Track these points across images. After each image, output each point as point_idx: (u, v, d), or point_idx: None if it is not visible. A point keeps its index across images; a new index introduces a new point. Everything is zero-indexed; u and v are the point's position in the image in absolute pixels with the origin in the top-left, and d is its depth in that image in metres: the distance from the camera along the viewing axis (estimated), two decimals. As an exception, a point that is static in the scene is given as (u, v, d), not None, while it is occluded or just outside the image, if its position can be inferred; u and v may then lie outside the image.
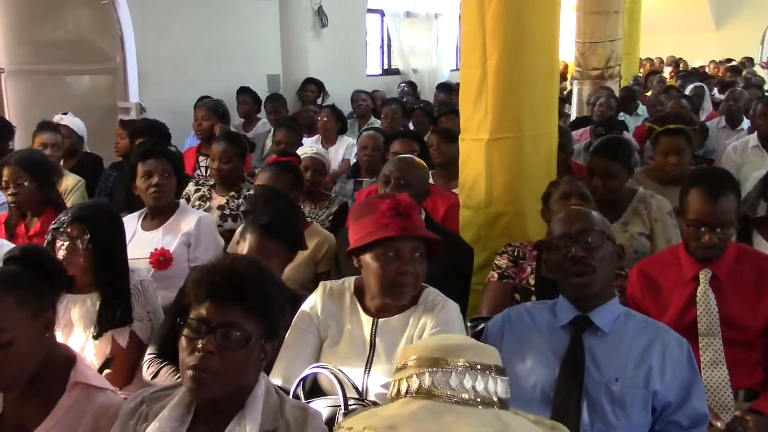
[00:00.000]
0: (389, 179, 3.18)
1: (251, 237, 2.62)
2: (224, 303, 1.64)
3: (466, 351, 1.37)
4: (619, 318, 2.18)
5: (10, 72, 6.67)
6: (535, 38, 3.30)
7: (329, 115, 6.17)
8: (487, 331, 2.30)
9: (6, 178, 3.48)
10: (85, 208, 2.73)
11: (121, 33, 7.05)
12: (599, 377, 2.10)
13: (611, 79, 7.72)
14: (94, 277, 2.63)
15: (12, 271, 1.92)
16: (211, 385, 1.62)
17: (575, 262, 2.15)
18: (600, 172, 3.39)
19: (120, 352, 2.61)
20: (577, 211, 2.34)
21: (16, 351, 1.82)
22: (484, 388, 1.34)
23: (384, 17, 10.67)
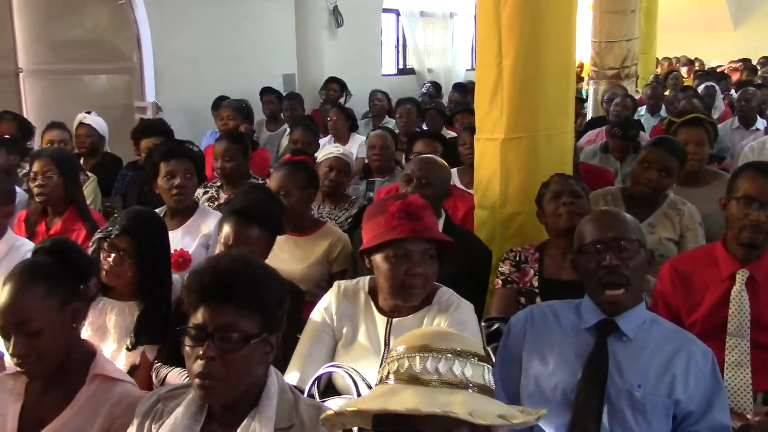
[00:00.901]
0: (411, 178, 3.18)
1: (227, 225, 2.61)
2: (216, 304, 1.62)
3: (447, 338, 1.45)
4: (644, 324, 2.14)
5: (29, 71, 6.73)
6: (550, 38, 3.29)
7: (337, 114, 6.17)
8: (510, 328, 2.27)
9: (36, 169, 3.52)
10: (133, 219, 2.62)
11: (137, 33, 7.10)
12: (621, 383, 2.07)
13: (627, 78, 7.68)
14: (135, 286, 2.58)
15: (41, 262, 1.98)
16: (219, 390, 1.62)
17: (609, 272, 2.10)
18: (659, 165, 3.35)
19: (146, 364, 2.57)
20: (612, 215, 2.27)
21: (44, 340, 1.88)
22: (461, 372, 1.40)
23: (399, 17, 10.67)
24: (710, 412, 2.06)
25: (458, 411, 1.33)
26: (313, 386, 2.13)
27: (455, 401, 1.36)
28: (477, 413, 1.34)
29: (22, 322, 1.86)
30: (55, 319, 1.91)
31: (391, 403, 1.37)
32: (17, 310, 1.87)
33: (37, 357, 1.89)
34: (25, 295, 1.88)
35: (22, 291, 1.88)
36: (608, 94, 7.03)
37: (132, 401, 1.93)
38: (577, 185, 3.01)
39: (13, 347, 1.87)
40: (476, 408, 1.36)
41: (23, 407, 1.99)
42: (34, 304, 1.88)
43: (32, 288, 1.89)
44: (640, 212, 3.35)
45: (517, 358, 2.20)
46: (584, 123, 6.93)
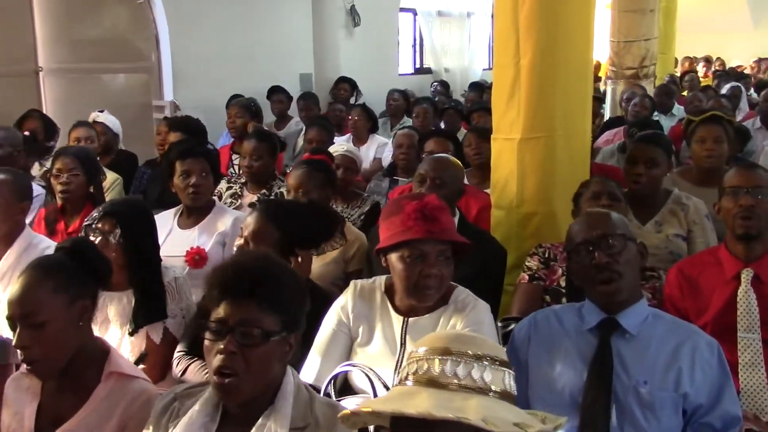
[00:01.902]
0: (424, 178, 3.17)
1: (251, 216, 2.65)
2: (238, 300, 1.63)
3: (468, 342, 1.43)
4: (647, 320, 2.15)
5: (48, 70, 6.79)
6: (569, 37, 3.27)
7: (360, 114, 6.18)
8: (514, 335, 2.28)
9: (60, 166, 3.57)
10: (116, 204, 2.77)
11: (156, 32, 7.14)
12: (628, 381, 2.07)
13: (646, 78, 7.63)
14: (128, 274, 2.66)
15: (54, 258, 2.03)
16: (239, 386, 1.62)
17: (600, 269, 2.12)
18: (644, 158, 3.36)
19: (154, 349, 2.64)
20: (595, 215, 2.31)
21: (48, 334, 1.91)
22: (480, 376, 1.39)
23: (416, 16, 10.66)
24: (720, 404, 2.06)
25: (471, 417, 1.32)
26: (329, 385, 2.13)
27: (470, 406, 1.35)
28: (491, 420, 1.32)
29: (27, 314, 1.90)
30: (61, 314, 1.94)
31: (407, 405, 1.36)
32: (24, 301, 1.91)
33: (41, 351, 1.91)
34: (35, 288, 1.92)
35: (32, 284, 1.93)
36: (627, 94, 6.98)
37: (147, 398, 1.96)
38: (617, 189, 3.00)
39: (18, 338, 1.90)
40: (491, 414, 1.34)
41: (40, 405, 2.01)
42: (42, 298, 1.91)
43: (43, 282, 1.93)
44: (644, 212, 3.35)
45: (524, 363, 2.21)
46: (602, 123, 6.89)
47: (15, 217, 2.97)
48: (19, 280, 1.95)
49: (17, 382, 2.07)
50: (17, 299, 1.91)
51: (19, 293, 1.92)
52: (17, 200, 2.97)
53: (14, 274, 2.85)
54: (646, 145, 3.43)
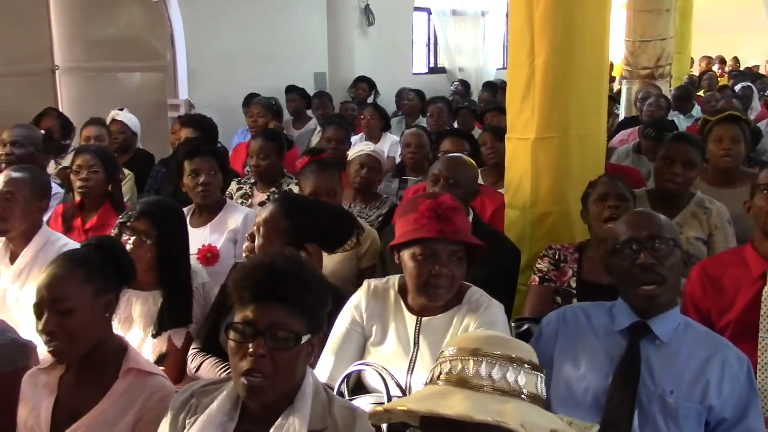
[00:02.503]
0: (438, 178, 3.16)
1: (266, 208, 2.65)
2: (269, 303, 1.63)
3: (503, 344, 1.41)
4: (678, 328, 2.10)
5: (64, 69, 6.84)
6: (584, 37, 3.26)
7: (372, 113, 6.17)
8: (542, 329, 2.25)
9: (80, 163, 3.61)
10: (152, 204, 2.76)
11: (171, 31, 7.18)
12: (653, 388, 2.04)
13: (661, 78, 7.58)
14: (157, 274, 2.65)
15: (84, 251, 2.08)
16: (266, 388, 1.62)
17: (644, 270, 2.07)
18: (682, 158, 3.31)
19: (174, 351, 2.63)
20: (646, 214, 2.25)
21: (74, 321, 1.94)
22: (515, 380, 1.37)
23: (430, 15, 10.66)
24: (745, 420, 2.02)
25: (510, 422, 1.30)
26: (342, 384, 2.14)
27: (507, 410, 1.33)
28: (529, 425, 1.31)
29: (56, 300, 1.93)
30: (88, 304, 1.98)
31: (442, 406, 1.34)
32: (54, 287, 1.95)
33: (66, 337, 1.94)
34: (65, 276, 1.97)
35: (61, 272, 1.97)
36: (642, 94, 6.94)
37: (165, 394, 1.98)
38: (625, 189, 2.95)
39: (44, 323, 1.93)
40: (528, 420, 1.32)
41: (56, 400, 2.02)
42: (71, 286, 1.96)
43: (72, 271, 1.98)
44: (666, 213, 3.27)
45: (549, 359, 2.18)
46: (617, 123, 6.86)
47: (34, 215, 3.00)
48: (48, 269, 1.99)
49: (34, 378, 2.09)
50: (47, 285, 1.95)
51: (49, 280, 1.96)
52: (36, 199, 3.00)
53: (32, 271, 2.88)
54: (686, 146, 3.36)
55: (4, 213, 2.90)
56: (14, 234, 2.96)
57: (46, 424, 2.00)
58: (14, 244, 2.98)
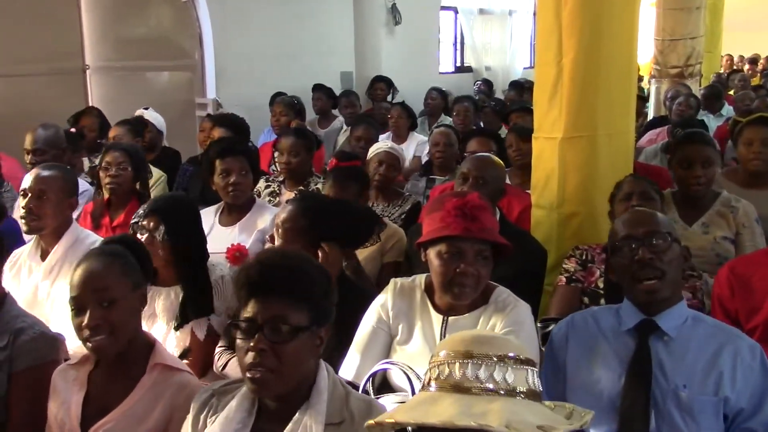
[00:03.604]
0: (467, 177, 3.15)
1: (284, 209, 2.67)
2: (266, 298, 1.65)
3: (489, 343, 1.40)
4: (686, 322, 2.11)
5: (95, 68, 6.93)
6: (613, 35, 3.23)
7: (400, 112, 6.18)
8: (552, 337, 2.26)
9: (110, 159, 3.66)
10: (160, 201, 2.84)
11: (199, 31, 7.24)
12: (666, 384, 2.03)
13: (691, 77, 7.49)
14: (176, 269, 2.70)
15: (119, 248, 2.11)
16: (271, 382, 1.63)
17: (643, 266, 2.08)
18: (700, 159, 3.29)
19: (197, 345, 2.67)
20: (640, 212, 2.27)
21: (117, 312, 1.98)
22: (503, 378, 1.36)
23: (457, 14, 10.63)
24: (762, 408, 2.01)
25: (494, 423, 1.30)
26: (368, 382, 2.14)
27: (492, 411, 1.33)
28: (514, 424, 1.30)
29: (100, 289, 1.97)
30: (128, 297, 2.02)
31: (428, 415, 1.35)
32: (97, 278, 1.98)
33: (110, 330, 1.96)
34: (105, 269, 2.00)
35: (102, 264, 2.01)
36: (671, 93, 6.87)
37: (191, 391, 1.98)
38: (650, 188, 2.95)
39: (89, 318, 1.95)
40: (514, 418, 1.32)
41: (86, 395, 2.05)
42: (112, 278, 2.00)
43: (112, 264, 2.02)
44: (692, 213, 3.29)
45: (562, 366, 2.19)
46: (645, 122, 6.80)
47: (65, 212, 3.04)
48: (85, 264, 2.01)
49: (64, 373, 2.11)
50: (90, 277, 1.98)
51: (89, 273, 1.98)
52: (67, 196, 3.04)
53: (62, 268, 2.92)
54: (700, 146, 3.34)
55: (37, 211, 2.93)
56: (46, 231, 2.99)
57: (76, 419, 2.02)
58: (45, 241, 3.02)
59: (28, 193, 2.95)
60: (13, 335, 2.22)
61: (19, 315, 2.31)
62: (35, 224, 2.95)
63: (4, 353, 2.20)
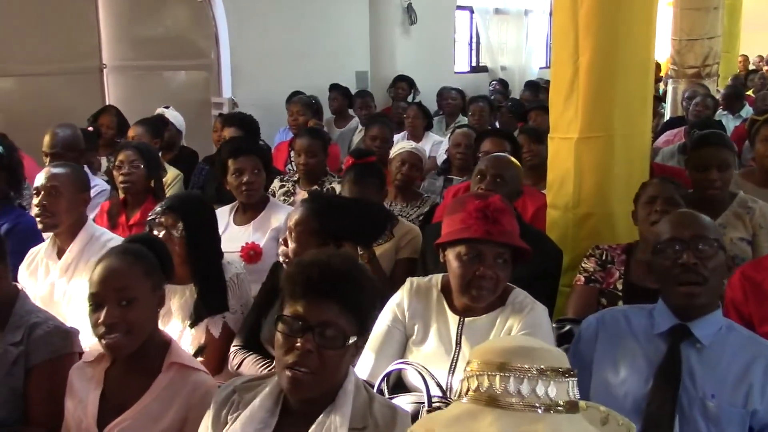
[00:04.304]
0: (485, 175, 3.13)
1: (295, 211, 2.68)
2: (321, 301, 1.64)
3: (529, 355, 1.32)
4: (720, 331, 2.07)
5: (112, 68, 6.97)
6: (630, 35, 3.22)
7: (416, 112, 6.17)
8: (581, 332, 2.24)
9: (122, 158, 3.68)
10: (178, 199, 2.85)
11: (216, 30, 7.26)
12: (694, 392, 2.01)
13: (708, 77, 7.43)
14: (191, 267, 2.71)
15: (140, 248, 2.11)
16: (310, 384, 1.63)
17: (686, 270, 2.04)
18: (716, 162, 3.26)
19: (212, 342, 2.69)
20: (690, 215, 2.21)
21: (135, 312, 1.99)
22: (545, 393, 1.29)
23: (473, 14, 10.61)
24: None
25: None
26: (382, 382, 2.14)
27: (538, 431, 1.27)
28: None
29: (120, 288, 1.98)
30: (148, 297, 2.03)
31: (471, 430, 1.29)
32: (118, 276, 1.99)
33: (126, 329, 1.97)
34: (127, 268, 2.02)
35: (124, 263, 2.02)
36: (688, 93, 6.82)
37: (207, 390, 2.00)
38: (675, 192, 2.89)
39: (105, 315, 1.95)
40: None
41: (103, 393, 2.06)
42: (134, 277, 2.01)
43: (134, 263, 2.03)
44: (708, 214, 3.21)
45: (588, 363, 2.16)
46: (662, 123, 6.76)
47: (78, 207, 3.05)
48: (105, 262, 2.02)
49: (80, 371, 2.13)
50: (109, 274, 1.98)
51: (110, 271, 1.99)
52: (79, 191, 3.05)
53: (78, 266, 2.94)
54: (715, 149, 3.31)
55: (51, 208, 2.94)
56: (62, 229, 3.01)
57: (93, 417, 2.03)
58: (61, 239, 3.04)
59: (41, 191, 2.96)
60: (28, 330, 2.25)
61: (33, 311, 2.34)
62: (50, 221, 2.97)
63: (20, 348, 2.22)
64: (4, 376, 2.20)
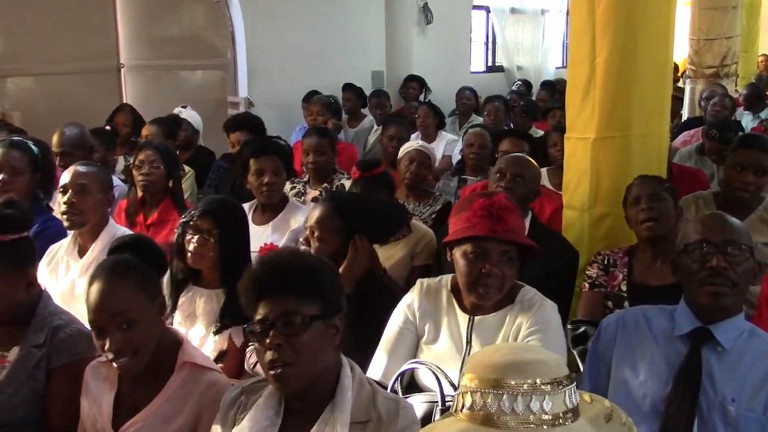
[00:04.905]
0: (504, 173, 3.13)
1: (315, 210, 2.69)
2: (275, 296, 1.67)
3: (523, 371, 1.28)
4: (742, 335, 2.04)
5: (130, 67, 7.01)
6: (648, 34, 3.19)
7: (426, 112, 6.16)
8: (600, 332, 2.22)
9: (142, 158, 3.69)
10: (214, 202, 2.77)
11: (232, 30, 7.31)
12: (714, 396, 1.99)
13: (727, 77, 7.37)
14: (221, 273, 2.65)
15: (126, 259, 2.03)
16: (293, 376, 1.64)
17: (714, 274, 2.00)
18: (754, 166, 3.25)
19: (234, 350, 2.64)
20: (722, 217, 2.17)
21: (138, 331, 1.94)
22: (540, 407, 1.25)
23: (489, 13, 10.58)
24: None
25: None
26: (396, 382, 2.14)
27: None
28: None
29: (117, 313, 1.91)
30: (147, 311, 1.97)
31: None
32: (112, 302, 1.91)
33: (133, 351, 1.94)
34: (118, 289, 1.93)
35: (114, 285, 1.93)
36: (706, 93, 6.77)
37: (220, 390, 1.99)
38: (658, 186, 2.90)
39: (110, 343, 1.91)
40: None
41: (117, 394, 2.06)
42: (128, 297, 1.94)
43: (123, 282, 1.95)
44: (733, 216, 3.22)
45: (607, 362, 2.15)
46: (680, 123, 6.71)
47: (103, 208, 3.07)
48: (97, 285, 1.94)
49: (95, 370, 2.12)
50: (103, 301, 1.92)
51: (103, 295, 1.92)
52: (104, 192, 3.06)
53: (100, 264, 2.96)
54: (757, 153, 3.28)
55: (79, 205, 2.95)
56: (86, 227, 3.02)
57: (107, 417, 2.04)
58: (83, 238, 3.05)
59: (69, 189, 2.97)
60: (51, 332, 2.25)
61: (56, 312, 2.33)
62: (77, 218, 2.97)
63: (42, 350, 2.22)
64: (26, 377, 2.21)
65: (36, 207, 3.21)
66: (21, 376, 2.21)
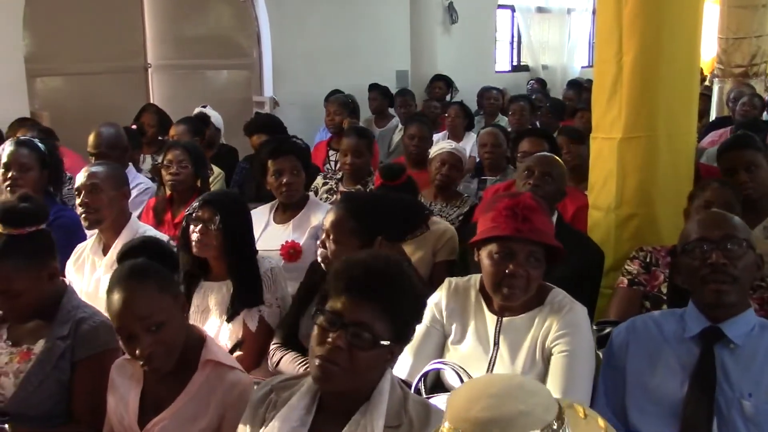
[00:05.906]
0: (533, 171, 3.11)
1: (331, 213, 2.70)
2: (359, 300, 1.64)
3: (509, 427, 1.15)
4: (753, 330, 2.05)
5: (156, 67, 7.09)
6: (675, 33, 3.17)
7: (457, 112, 6.15)
8: (612, 342, 2.23)
9: (171, 157, 3.75)
10: (214, 194, 2.88)
11: (258, 30, 7.35)
12: (731, 392, 1.99)
13: (756, 77, 7.28)
14: (227, 262, 2.75)
15: (142, 262, 2.03)
16: (337, 377, 1.63)
17: (715, 270, 2.02)
18: (741, 164, 3.23)
19: (250, 336, 2.72)
20: (718, 215, 2.21)
21: (168, 333, 1.96)
22: None
23: (514, 13, 10.54)
24: None
25: None
26: (420, 382, 2.14)
27: None
28: None
29: (144, 317, 1.91)
30: (172, 311, 1.99)
31: None
32: (137, 307, 1.92)
33: (164, 353, 1.96)
34: (141, 293, 1.94)
35: (136, 290, 1.93)
36: (734, 93, 6.69)
37: (243, 389, 2.01)
38: (734, 198, 2.86)
39: (142, 347, 1.91)
40: None
41: (143, 392, 2.08)
42: (151, 299, 1.94)
43: (145, 286, 1.95)
44: (752, 216, 3.17)
45: (621, 370, 2.16)
46: (707, 123, 6.64)
47: (120, 202, 3.12)
48: (118, 292, 1.93)
49: (121, 368, 2.14)
50: (129, 307, 1.91)
51: (128, 302, 1.92)
52: (118, 186, 3.12)
53: (122, 264, 2.99)
54: (740, 151, 3.29)
55: (93, 204, 3.03)
56: (106, 225, 3.08)
57: (133, 414, 2.06)
58: (106, 236, 3.11)
59: (82, 190, 3.05)
60: (75, 325, 2.29)
61: (80, 306, 2.38)
62: (93, 217, 3.05)
63: (67, 342, 2.27)
64: (51, 369, 2.25)
65: (48, 200, 3.27)
66: (46, 367, 2.25)
